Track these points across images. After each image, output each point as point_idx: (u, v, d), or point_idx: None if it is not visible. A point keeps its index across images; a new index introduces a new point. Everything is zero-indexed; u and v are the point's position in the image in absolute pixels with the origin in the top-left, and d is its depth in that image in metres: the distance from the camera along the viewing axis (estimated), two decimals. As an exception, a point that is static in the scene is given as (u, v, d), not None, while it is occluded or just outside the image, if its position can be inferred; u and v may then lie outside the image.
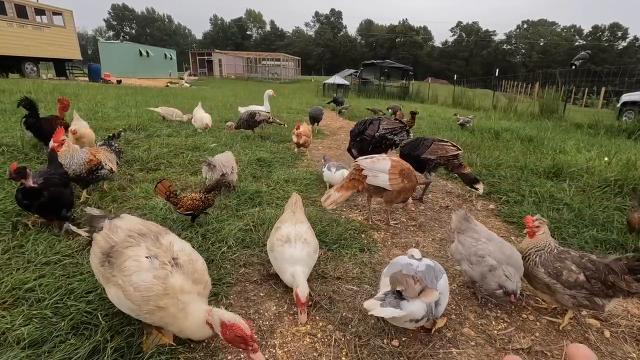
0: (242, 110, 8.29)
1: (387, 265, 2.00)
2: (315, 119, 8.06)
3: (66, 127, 4.71)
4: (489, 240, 2.15)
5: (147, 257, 1.54)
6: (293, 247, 2.11)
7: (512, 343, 1.88)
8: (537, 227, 2.08)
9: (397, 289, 1.63)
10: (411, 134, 4.45)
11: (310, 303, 2.10)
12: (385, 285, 1.77)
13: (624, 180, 4.14)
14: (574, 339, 1.94)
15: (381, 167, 3.02)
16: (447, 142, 3.84)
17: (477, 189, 3.65)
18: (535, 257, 2.04)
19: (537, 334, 1.97)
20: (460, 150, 3.76)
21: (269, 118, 6.70)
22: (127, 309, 1.53)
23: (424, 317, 1.66)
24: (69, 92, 10.70)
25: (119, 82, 19.68)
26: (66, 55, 20.78)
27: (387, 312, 1.58)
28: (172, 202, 2.80)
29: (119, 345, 1.63)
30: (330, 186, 3.83)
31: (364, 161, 3.09)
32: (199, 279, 1.63)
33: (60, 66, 21.37)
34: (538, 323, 2.07)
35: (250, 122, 6.50)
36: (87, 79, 21.25)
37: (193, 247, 2.54)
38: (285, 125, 7.62)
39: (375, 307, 1.60)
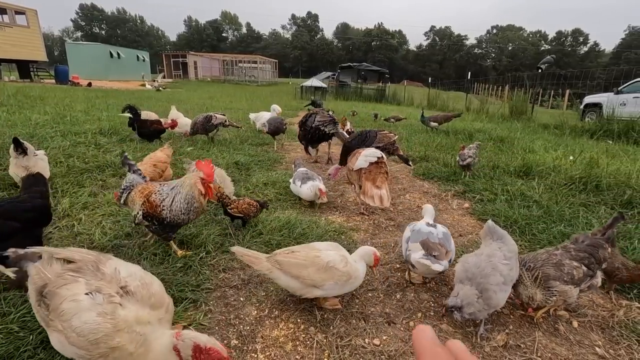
0: (252, 116, 8.12)
1: (408, 230, 2.42)
2: (275, 132, 6.47)
3: (161, 130, 5.83)
4: (481, 255, 2.00)
5: (87, 294, 1.32)
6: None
7: (489, 341, 1.94)
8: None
9: (434, 254, 2.14)
10: (339, 126, 5.28)
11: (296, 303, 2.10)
12: (416, 249, 2.22)
13: (587, 177, 4.36)
14: (545, 330, 2.03)
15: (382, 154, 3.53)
16: (384, 131, 4.53)
17: (410, 165, 4.55)
18: (540, 278, 1.96)
19: (511, 327, 2.05)
20: (396, 135, 4.50)
21: (225, 121, 6.37)
22: (75, 355, 1.33)
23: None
24: (34, 94, 10.22)
25: (89, 84, 18.95)
26: (30, 56, 19.84)
27: (442, 266, 2.11)
28: (225, 202, 2.92)
29: None
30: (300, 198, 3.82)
31: (380, 153, 3.48)
32: (157, 303, 1.43)
33: (24, 68, 20.37)
34: (512, 316, 2.15)
35: (207, 126, 6.09)
36: (53, 81, 20.34)
37: (169, 253, 2.50)
38: (243, 127, 7.53)
39: (432, 263, 2.10)
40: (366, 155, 3.46)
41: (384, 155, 3.50)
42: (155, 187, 2.44)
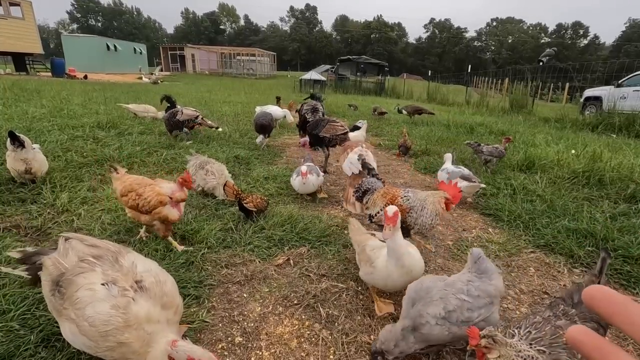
0: (258, 109, 7.91)
1: (444, 175, 3.69)
2: (264, 129, 5.67)
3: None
4: (443, 280, 1.69)
5: (103, 284, 1.32)
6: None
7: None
8: (487, 348, 1.30)
9: (473, 180, 3.54)
10: (318, 114, 5.26)
11: (295, 301, 2.08)
12: (461, 181, 3.39)
13: (590, 171, 4.34)
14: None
15: (372, 157, 3.54)
16: (338, 122, 4.58)
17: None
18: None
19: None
20: (347, 130, 4.54)
21: (197, 117, 5.68)
22: (83, 346, 1.33)
23: None
24: (30, 87, 10.09)
25: (85, 77, 18.76)
26: (26, 48, 19.57)
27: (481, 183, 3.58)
28: (241, 197, 2.99)
29: (94, 357, 1.54)
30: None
31: (368, 159, 3.46)
32: (169, 303, 1.43)
33: (20, 61, 20.11)
34: (517, 312, 2.13)
35: (172, 122, 5.52)
36: (50, 74, 20.12)
37: (171, 249, 2.46)
38: (220, 129, 6.62)
39: (478, 182, 3.53)
40: (351, 163, 3.34)
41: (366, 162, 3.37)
42: (399, 192, 2.56)
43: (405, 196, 2.52)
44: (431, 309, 1.54)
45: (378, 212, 2.60)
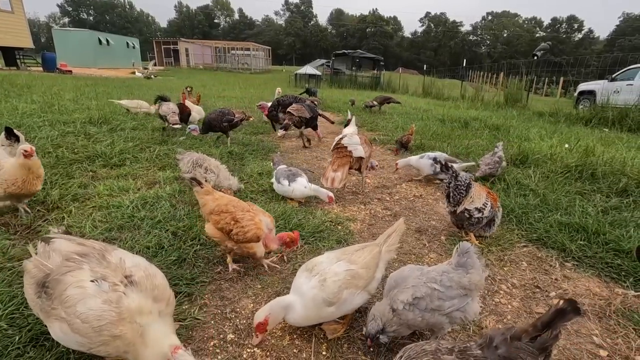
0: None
1: (426, 158, 4.14)
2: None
3: (188, 114, 6.11)
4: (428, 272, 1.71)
5: (92, 281, 1.32)
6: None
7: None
8: None
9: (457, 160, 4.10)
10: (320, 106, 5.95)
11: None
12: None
13: (583, 166, 4.36)
14: (543, 320, 2.02)
15: (355, 141, 3.58)
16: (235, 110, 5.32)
17: (277, 130, 5.53)
18: None
19: (509, 317, 2.04)
20: (247, 117, 5.47)
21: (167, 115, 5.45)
22: (76, 344, 1.32)
23: None
24: (20, 82, 9.93)
25: (70, 72, 18.56)
26: (15, 43, 19.21)
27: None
28: None
29: (84, 356, 1.53)
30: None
31: (345, 140, 3.59)
32: (160, 295, 1.44)
33: (10, 55, 19.75)
34: (510, 306, 2.15)
35: (163, 118, 5.57)
36: (41, 69, 19.82)
37: (162, 246, 2.45)
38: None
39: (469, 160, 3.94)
40: (335, 141, 3.70)
41: (341, 142, 3.60)
42: (485, 187, 2.98)
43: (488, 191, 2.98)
44: (402, 295, 1.63)
45: (485, 203, 2.77)
